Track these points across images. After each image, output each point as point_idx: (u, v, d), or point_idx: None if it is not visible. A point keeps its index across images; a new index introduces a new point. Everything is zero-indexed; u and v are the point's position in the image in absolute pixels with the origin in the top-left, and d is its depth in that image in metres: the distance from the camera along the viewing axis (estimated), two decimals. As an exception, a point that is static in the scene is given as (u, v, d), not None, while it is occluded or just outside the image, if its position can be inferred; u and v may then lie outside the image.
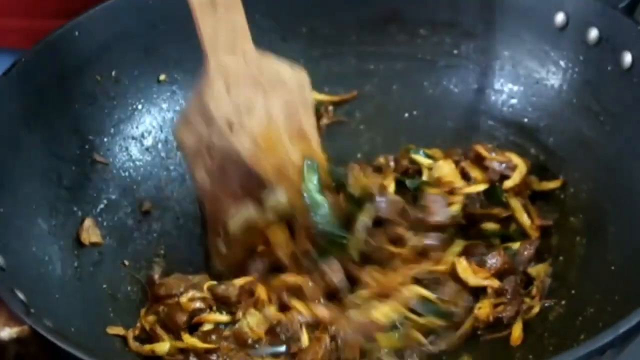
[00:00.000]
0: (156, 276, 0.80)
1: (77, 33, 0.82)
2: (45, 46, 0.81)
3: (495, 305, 0.76)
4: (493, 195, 0.83)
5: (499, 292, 0.77)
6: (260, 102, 0.74)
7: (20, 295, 0.66)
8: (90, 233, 0.80)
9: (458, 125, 0.90)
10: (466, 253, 0.80)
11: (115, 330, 0.75)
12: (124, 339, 0.75)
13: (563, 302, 0.76)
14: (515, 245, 0.80)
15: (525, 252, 0.80)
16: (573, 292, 0.76)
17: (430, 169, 0.85)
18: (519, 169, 0.84)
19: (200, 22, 0.72)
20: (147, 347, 0.74)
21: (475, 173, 0.84)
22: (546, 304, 0.76)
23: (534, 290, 0.78)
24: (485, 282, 0.78)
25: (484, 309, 0.76)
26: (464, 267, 0.78)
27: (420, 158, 0.86)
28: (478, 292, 0.78)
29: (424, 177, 0.85)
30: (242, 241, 0.77)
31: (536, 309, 0.76)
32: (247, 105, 0.74)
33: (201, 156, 0.75)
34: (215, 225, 0.77)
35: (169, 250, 0.84)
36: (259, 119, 0.73)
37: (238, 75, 0.74)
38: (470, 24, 0.89)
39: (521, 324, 0.75)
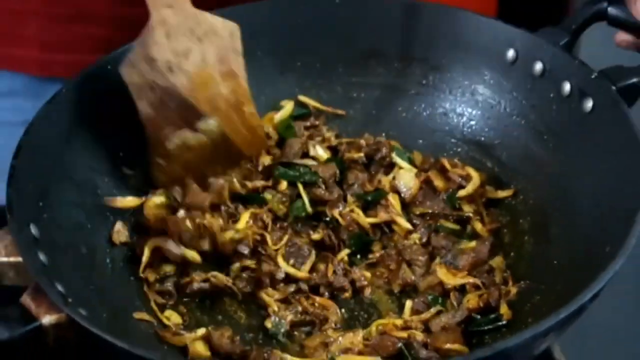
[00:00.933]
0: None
1: (109, 67, 0.81)
2: (83, 77, 0.80)
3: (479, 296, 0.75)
4: (449, 201, 0.82)
5: (476, 286, 0.76)
6: (195, 48, 0.76)
7: (60, 288, 0.65)
8: (120, 234, 0.79)
9: (427, 143, 0.88)
10: (432, 254, 0.79)
11: (140, 315, 0.73)
12: (148, 323, 0.73)
13: (515, 291, 0.75)
14: (472, 244, 0.79)
15: (483, 249, 0.78)
16: (522, 283, 0.75)
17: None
18: (474, 180, 0.83)
19: None
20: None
21: (438, 182, 0.83)
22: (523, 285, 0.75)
23: (498, 278, 0.77)
24: (465, 281, 0.76)
25: (472, 300, 0.74)
26: (444, 273, 0.76)
27: (399, 160, 0.85)
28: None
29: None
30: (179, 158, 0.79)
31: (514, 291, 0.75)
32: (184, 50, 0.76)
33: (145, 91, 0.77)
34: (156, 145, 0.79)
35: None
36: (194, 61, 0.76)
37: (177, 26, 0.75)
38: (437, 59, 0.88)
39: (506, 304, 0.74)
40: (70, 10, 0.93)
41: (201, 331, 0.72)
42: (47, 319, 0.62)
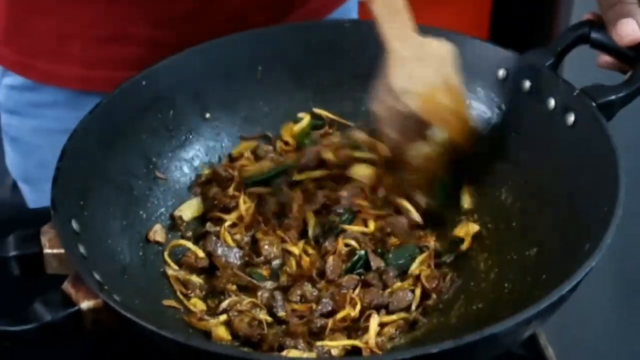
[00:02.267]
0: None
1: (144, 82, 0.82)
2: (120, 92, 0.81)
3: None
4: None
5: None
6: (422, 71, 0.78)
7: (97, 276, 0.65)
8: (157, 234, 0.79)
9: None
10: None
11: (169, 302, 0.74)
12: (175, 309, 0.74)
13: (508, 285, 0.75)
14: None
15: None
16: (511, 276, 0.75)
17: None
18: None
19: (382, 27, 0.78)
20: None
21: None
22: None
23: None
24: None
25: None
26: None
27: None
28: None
29: None
30: (420, 167, 0.81)
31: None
32: (415, 76, 0.77)
33: (390, 120, 0.78)
34: (402, 165, 0.81)
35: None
36: (423, 83, 0.77)
37: (408, 57, 0.78)
38: (436, 77, 0.88)
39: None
40: (109, 32, 0.94)
41: (223, 317, 0.73)
42: (85, 304, 0.63)
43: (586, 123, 0.76)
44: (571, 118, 0.78)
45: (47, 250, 0.67)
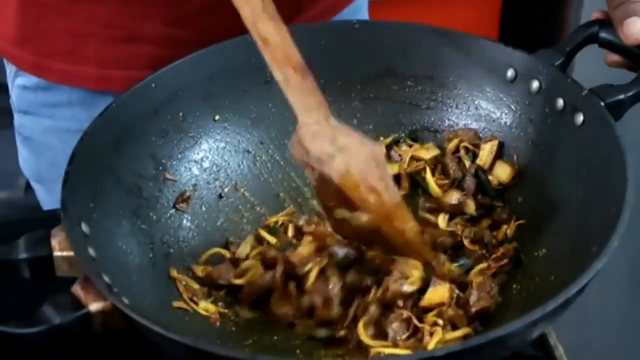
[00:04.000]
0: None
1: (154, 85, 0.82)
2: (131, 94, 0.81)
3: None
4: None
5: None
6: (338, 155, 0.70)
7: (106, 279, 0.65)
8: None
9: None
10: None
11: (178, 304, 0.74)
12: (185, 311, 0.74)
13: (517, 286, 0.75)
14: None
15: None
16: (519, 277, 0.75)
17: None
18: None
19: (287, 94, 0.71)
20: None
21: None
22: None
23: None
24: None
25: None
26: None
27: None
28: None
29: None
30: (345, 226, 0.75)
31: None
32: (329, 154, 0.70)
33: (308, 167, 0.73)
34: (326, 210, 0.77)
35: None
36: (338, 166, 0.70)
37: (319, 133, 0.71)
38: (444, 77, 0.88)
39: None
40: (123, 32, 0.94)
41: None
42: (94, 307, 0.63)
43: (595, 123, 0.76)
44: (580, 118, 0.77)
45: (57, 253, 0.67)
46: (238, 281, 0.77)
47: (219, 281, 0.77)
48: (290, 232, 0.83)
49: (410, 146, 0.87)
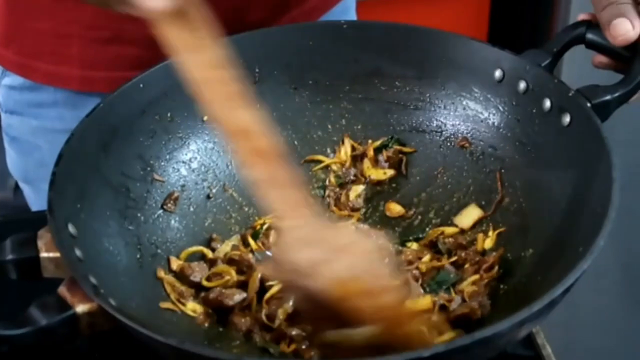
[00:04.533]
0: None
1: (141, 85, 0.82)
2: (118, 95, 0.81)
3: None
4: None
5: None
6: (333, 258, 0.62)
7: (93, 280, 0.65)
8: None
9: (423, 152, 0.89)
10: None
11: (166, 305, 0.74)
12: (173, 311, 0.74)
13: (504, 286, 0.75)
14: None
15: None
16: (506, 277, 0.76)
17: None
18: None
19: (267, 196, 0.63)
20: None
21: None
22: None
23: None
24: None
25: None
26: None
27: None
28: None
29: None
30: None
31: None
32: (322, 259, 0.62)
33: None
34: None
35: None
36: (332, 271, 0.61)
37: (302, 236, 0.63)
38: (432, 77, 0.88)
39: None
40: (107, 33, 0.94)
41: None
42: (81, 308, 0.63)
43: (581, 124, 0.76)
44: (567, 118, 0.78)
45: (43, 254, 0.67)
46: (207, 284, 0.77)
47: (191, 278, 0.77)
48: (272, 238, 0.82)
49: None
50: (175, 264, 0.79)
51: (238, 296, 0.74)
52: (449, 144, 0.88)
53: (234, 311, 0.74)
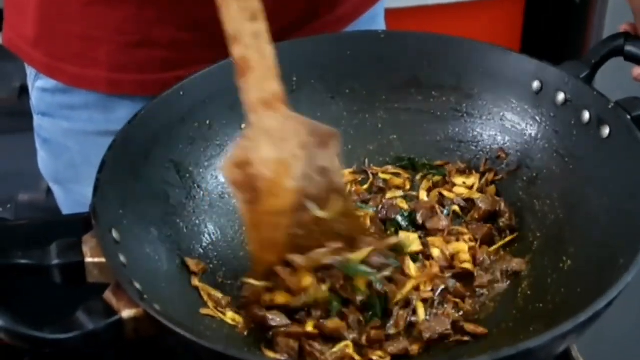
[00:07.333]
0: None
1: (181, 93, 0.83)
2: (158, 102, 0.82)
3: None
4: None
5: None
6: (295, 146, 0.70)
7: (137, 285, 0.66)
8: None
9: (461, 163, 0.89)
10: None
11: (206, 311, 0.75)
12: (212, 318, 0.74)
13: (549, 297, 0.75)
14: None
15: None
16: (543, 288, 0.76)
17: None
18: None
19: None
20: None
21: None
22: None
23: None
24: None
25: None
26: None
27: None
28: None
29: None
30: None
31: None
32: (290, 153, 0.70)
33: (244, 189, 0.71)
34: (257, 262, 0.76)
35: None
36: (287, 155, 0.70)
37: (274, 127, 0.71)
38: (469, 88, 0.89)
39: None
40: (136, 37, 0.95)
41: None
42: (127, 313, 0.64)
43: (621, 136, 0.77)
44: (606, 131, 0.78)
45: (88, 259, 0.68)
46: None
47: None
48: None
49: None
50: (192, 264, 0.78)
51: (281, 320, 0.73)
52: (484, 154, 0.88)
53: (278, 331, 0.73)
